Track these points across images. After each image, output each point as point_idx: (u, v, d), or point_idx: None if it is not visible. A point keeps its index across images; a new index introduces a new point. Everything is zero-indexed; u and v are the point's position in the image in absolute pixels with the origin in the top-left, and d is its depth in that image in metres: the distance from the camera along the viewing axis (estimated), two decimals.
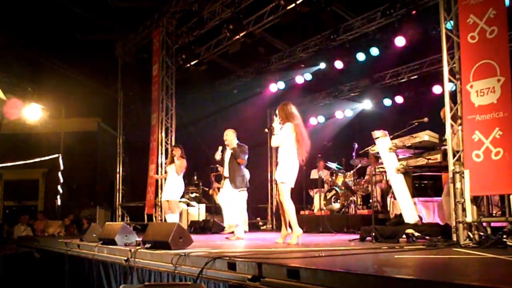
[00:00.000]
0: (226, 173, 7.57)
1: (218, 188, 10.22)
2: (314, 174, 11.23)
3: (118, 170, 12.61)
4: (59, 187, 15.92)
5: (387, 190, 8.91)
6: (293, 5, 8.66)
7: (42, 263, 8.32)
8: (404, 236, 5.84)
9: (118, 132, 12.89)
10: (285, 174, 5.75)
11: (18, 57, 12.74)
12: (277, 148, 6.03)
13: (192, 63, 11.28)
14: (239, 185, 7.36)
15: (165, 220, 8.42)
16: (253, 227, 10.58)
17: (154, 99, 11.21)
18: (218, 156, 7.64)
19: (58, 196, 15.94)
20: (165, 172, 9.04)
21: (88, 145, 16.68)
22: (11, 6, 10.88)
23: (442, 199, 6.70)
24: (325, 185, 10.80)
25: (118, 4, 10.55)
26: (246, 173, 9.45)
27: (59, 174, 15.87)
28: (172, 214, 8.27)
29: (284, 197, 5.72)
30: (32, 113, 12.14)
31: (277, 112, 6.06)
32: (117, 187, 12.55)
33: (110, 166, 13.34)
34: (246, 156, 7.48)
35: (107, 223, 7.18)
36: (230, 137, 7.54)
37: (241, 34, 9.87)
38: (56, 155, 15.85)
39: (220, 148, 7.64)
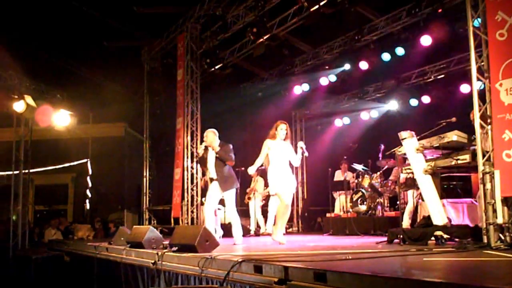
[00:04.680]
0: (213, 175, 7.09)
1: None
2: (338, 176, 11.14)
3: (144, 174, 12.75)
4: (87, 191, 16.18)
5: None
6: (316, 6, 8.59)
7: (72, 266, 8.48)
8: (433, 238, 5.75)
9: (145, 137, 13.03)
10: None
11: (46, 65, 13.01)
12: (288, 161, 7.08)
13: (217, 67, 11.33)
14: (229, 187, 7.02)
15: None
16: None
17: (179, 104, 11.30)
18: (201, 150, 7.16)
19: (87, 200, 16.21)
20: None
21: (115, 150, 16.92)
22: (39, 15, 11.13)
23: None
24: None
25: (143, 11, 10.69)
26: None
27: (88, 178, 16.12)
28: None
29: None
30: (61, 119, 12.34)
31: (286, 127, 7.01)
32: (144, 191, 12.69)
33: (137, 170, 13.50)
34: (233, 155, 7.06)
35: (134, 226, 7.26)
36: (211, 138, 7.06)
37: (265, 37, 9.88)
38: (85, 160, 16.13)
39: (204, 144, 7.13)
